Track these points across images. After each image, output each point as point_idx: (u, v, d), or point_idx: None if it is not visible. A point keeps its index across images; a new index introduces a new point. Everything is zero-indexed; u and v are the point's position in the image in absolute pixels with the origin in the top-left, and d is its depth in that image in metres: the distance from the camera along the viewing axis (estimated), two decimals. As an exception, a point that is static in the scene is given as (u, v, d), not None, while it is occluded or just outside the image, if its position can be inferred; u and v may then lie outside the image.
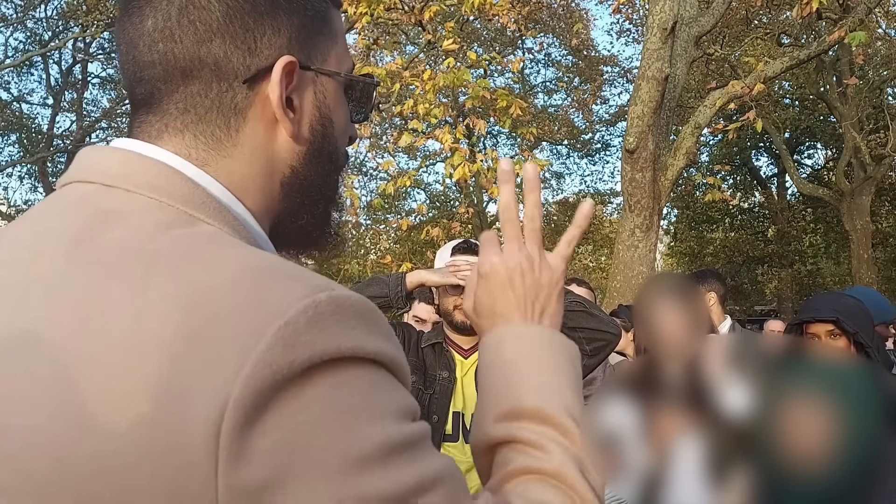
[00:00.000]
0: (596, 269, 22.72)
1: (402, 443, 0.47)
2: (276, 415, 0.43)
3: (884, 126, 13.02)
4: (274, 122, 0.59)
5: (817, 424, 0.92)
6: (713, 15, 7.36)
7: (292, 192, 0.61)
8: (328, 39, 0.62)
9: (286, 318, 0.44)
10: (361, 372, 0.47)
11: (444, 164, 6.39)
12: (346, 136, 0.66)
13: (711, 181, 7.68)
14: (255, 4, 0.57)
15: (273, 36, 0.58)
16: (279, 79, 0.57)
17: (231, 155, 0.58)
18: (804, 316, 1.89)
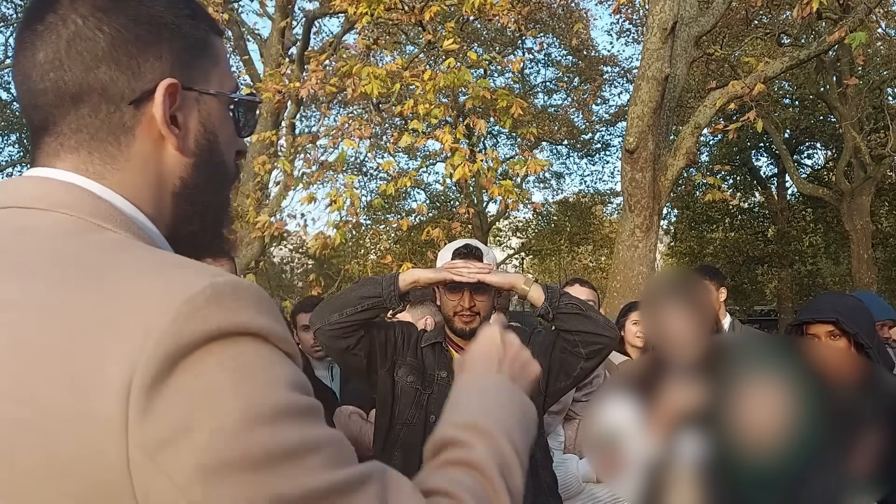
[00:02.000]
0: (596, 269, 22.71)
1: (290, 409, 0.54)
2: (179, 378, 0.50)
3: (884, 126, 13.02)
4: (161, 138, 0.66)
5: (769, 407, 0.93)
6: (713, 15, 7.35)
7: (183, 201, 0.69)
8: (209, 63, 0.70)
9: (187, 296, 0.52)
10: (256, 345, 0.54)
11: (445, 164, 6.38)
12: (233, 150, 0.74)
13: (711, 181, 7.67)
14: (138, 34, 0.65)
15: (156, 61, 0.66)
16: (162, 99, 0.65)
17: (124, 168, 0.65)
18: (804, 316, 1.89)
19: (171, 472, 0.50)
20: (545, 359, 2.08)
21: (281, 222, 6.87)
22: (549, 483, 2.10)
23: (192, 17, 0.69)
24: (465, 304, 2.09)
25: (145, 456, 0.49)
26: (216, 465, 0.50)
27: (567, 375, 2.06)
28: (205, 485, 0.50)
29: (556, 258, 24.30)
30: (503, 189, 6.15)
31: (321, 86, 6.37)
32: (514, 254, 23.54)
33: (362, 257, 16.92)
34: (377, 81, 5.61)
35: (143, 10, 0.66)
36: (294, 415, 0.54)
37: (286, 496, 0.52)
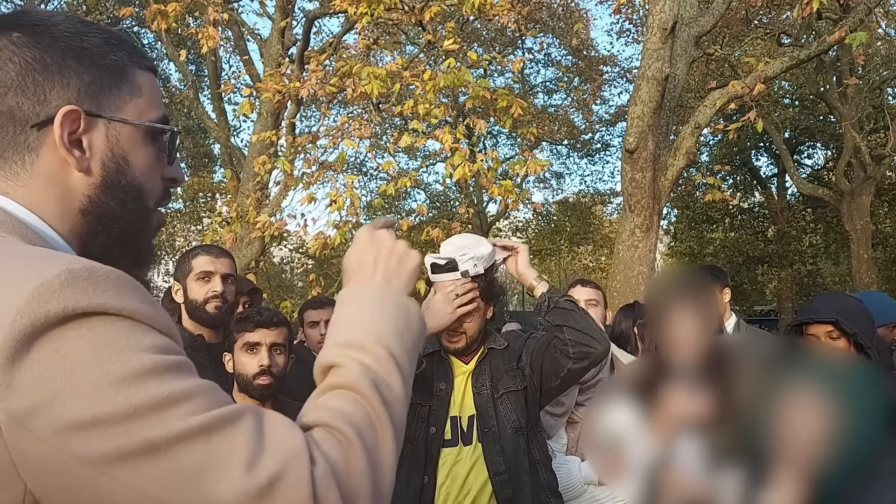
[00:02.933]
0: (596, 269, 22.71)
1: (153, 368, 0.59)
2: (38, 353, 0.56)
3: (884, 126, 13.02)
4: (66, 159, 0.73)
5: (815, 422, 0.92)
6: (713, 15, 7.35)
7: (89, 216, 0.75)
8: (125, 94, 0.77)
9: (42, 280, 0.58)
10: (112, 322, 0.60)
11: (445, 164, 6.38)
12: (155, 175, 0.80)
13: (711, 181, 7.66)
14: (45, 65, 0.72)
15: (62, 90, 0.73)
16: (59, 123, 0.72)
17: (28, 185, 0.73)
18: (804, 317, 1.89)
19: (43, 435, 0.55)
20: (538, 357, 2.10)
21: (281, 222, 6.87)
22: (549, 481, 2.10)
23: (107, 53, 0.76)
24: (452, 326, 2.12)
25: (16, 423, 0.55)
26: (85, 422, 0.56)
27: (556, 376, 2.07)
28: (78, 441, 0.56)
29: (556, 258, 24.30)
30: (503, 189, 6.15)
31: (321, 86, 6.37)
32: (514, 254, 23.51)
33: (362, 257, 16.87)
34: (377, 81, 5.61)
35: (56, 43, 0.73)
36: (159, 372, 0.59)
37: (158, 440, 0.57)
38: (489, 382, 2.12)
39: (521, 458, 2.05)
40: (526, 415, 2.11)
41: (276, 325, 2.16)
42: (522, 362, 2.14)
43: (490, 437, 2.05)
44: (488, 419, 2.07)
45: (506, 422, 2.07)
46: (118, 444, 0.56)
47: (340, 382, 0.72)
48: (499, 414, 2.07)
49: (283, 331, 2.19)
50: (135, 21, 11.05)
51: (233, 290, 2.44)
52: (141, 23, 10.44)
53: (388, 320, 0.79)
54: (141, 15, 7.83)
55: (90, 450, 0.56)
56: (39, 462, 0.56)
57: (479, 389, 2.11)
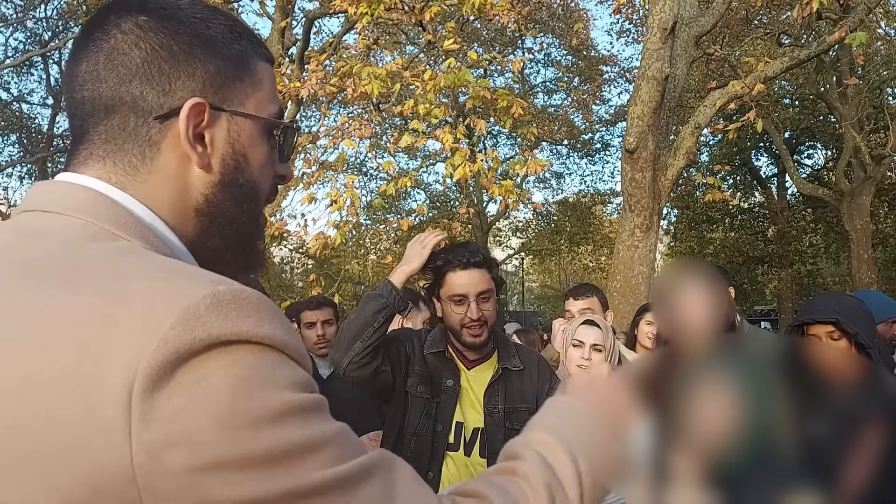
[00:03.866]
0: (596, 269, 22.70)
1: (293, 408, 0.55)
2: (179, 383, 0.51)
3: (884, 126, 13.02)
4: (187, 155, 0.68)
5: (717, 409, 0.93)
6: (713, 15, 7.35)
7: (204, 217, 0.70)
8: (247, 86, 0.71)
9: (188, 303, 0.53)
10: (254, 352, 0.55)
11: (445, 164, 6.38)
12: (268, 173, 0.75)
13: (711, 181, 7.67)
14: (172, 52, 0.67)
15: (187, 80, 0.67)
16: (186, 116, 0.66)
17: (146, 181, 0.67)
18: (804, 317, 1.88)
19: (176, 472, 0.51)
20: (541, 396, 2.09)
21: (281, 222, 6.88)
22: None
23: (232, 41, 0.71)
24: (474, 314, 2.06)
25: (149, 457, 0.50)
26: (222, 463, 0.51)
27: None
28: (212, 482, 0.51)
29: (556, 258, 24.30)
30: (503, 189, 6.15)
31: (321, 86, 6.37)
32: (514, 254, 23.55)
33: (362, 257, 16.92)
34: (377, 81, 5.61)
35: (182, 29, 0.68)
36: (297, 413, 0.55)
37: (293, 491, 0.53)
38: (502, 406, 2.09)
39: None
40: None
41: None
42: (538, 401, 2.11)
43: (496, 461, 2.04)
44: (496, 443, 2.04)
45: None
46: (254, 491, 0.52)
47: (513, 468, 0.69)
48: (507, 439, 2.06)
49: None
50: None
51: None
52: (141, 23, 10.43)
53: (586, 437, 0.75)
54: (141, 15, 7.83)
55: (224, 493, 0.52)
56: (168, 499, 0.51)
57: (491, 410, 2.08)
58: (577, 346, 2.50)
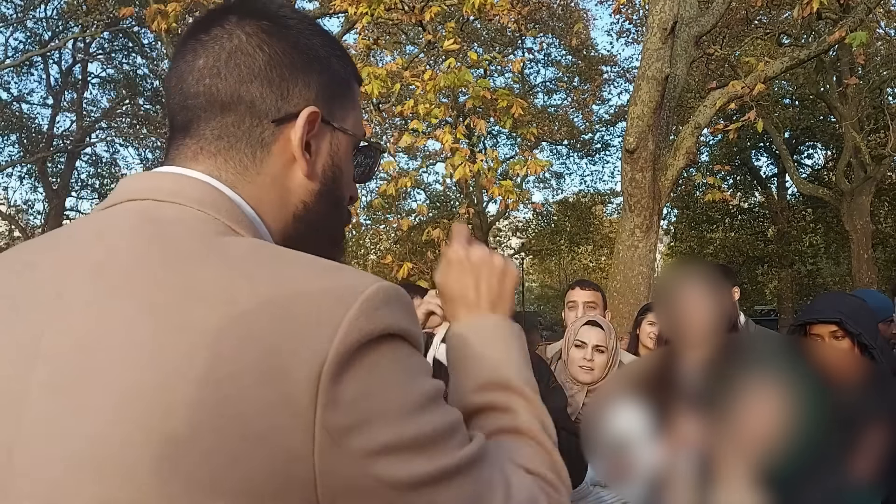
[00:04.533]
0: (596, 269, 22.71)
1: (433, 395, 0.60)
2: (358, 370, 0.54)
3: (884, 126, 13.02)
4: (293, 160, 0.69)
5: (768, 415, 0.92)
6: (713, 15, 7.35)
7: (301, 225, 0.72)
8: (348, 104, 0.75)
9: (366, 295, 0.56)
10: (404, 345, 0.59)
11: (445, 164, 6.38)
12: (349, 190, 0.77)
13: (711, 181, 7.67)
14: (293, 59, 0.69)
15: (304, 88, 0.70)
16: (303, 123, 0.68)
17: (254, 181, 0.68)
18: (807, 317, 1.88)
19: (355, 455, 0.54)
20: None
21: (281, 222, 6.85)
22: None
23: (339, 60, 0.74)
24: None
25: (331, 440, 0.53)
26: (395, 445, 0.55)
27: None
28: (386, 464, 0.55)
29: (556, 258, 24.31)
30: (503, 189, 6.15)
31: (321, 86, 6.36)
32: (514, 254, 23.54)
33: (362, 257, 16.93)
34: (377, 81, 5.60)
35: (302, 40, 0.71)
36: (437, 397, 0.60)
37: (451, 468, 0.58)
38: None
39: None
40: None
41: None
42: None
43: None
44: None
45: None
46: (421, 470, 0.56)
47: (514, 426, 0.71)
48: None
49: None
50: (135, 21, 11.04)
51: None
52: (141, 23, 10.44)
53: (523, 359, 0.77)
54: (141, 15, 7.82)
55: (396, 474, 0.55)
56: (343, 482, 0.54)
57: None
58: (580, 346, 2.50)
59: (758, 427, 0.93)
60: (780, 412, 0.91)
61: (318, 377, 0.53)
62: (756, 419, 0.93)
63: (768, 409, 0.92)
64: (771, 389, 0.94)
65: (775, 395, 0.93)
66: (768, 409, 0.92)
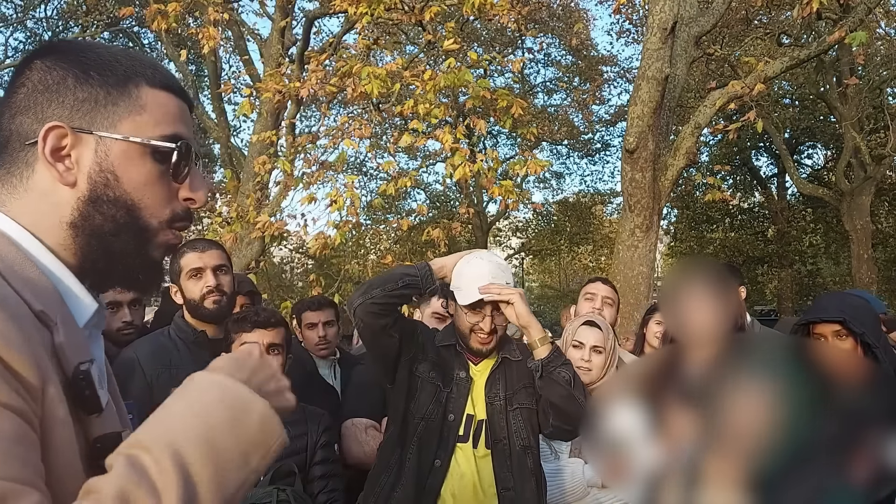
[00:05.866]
0: (596, 269, 22.68)
1: None
2: None
3: (884, 126, 13.02)
4: (57, 174, 0.77)
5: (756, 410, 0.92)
6: (713, 15, 7.34)
7: (79, 231, 0.78)
8: (123, 110, 0.79)
9: None
10: None
11: (445, 164, 6.37)
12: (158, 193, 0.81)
13: (711, 181, 7.65)
14: (47, 85, 0.78)
15: (57, 108, 0.77)
16: (42, 138, 0.76)
17: (23, 198, 0.77)
18: (810, 316, 1.87)
19: None
20: (539, 397, 2.11)
21: (281, 222, 6.86)
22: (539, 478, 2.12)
23: (114, 70, 0.80)
24: (487, 327, 2.09)
25: None
26: None
27: (542, 427, 2.12)
28: None
29: (556, 258, 24.29)
30: (503, 189, 6.14)
31: (321, 86, 6.36)
32: (514, 254, 23.53)
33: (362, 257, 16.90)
34: (377, 81, 5.59)
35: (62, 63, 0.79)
36: None
37: None
38: (503, 393, 2.12)
39: (528, 476, 2.05)
40: (535, 433, 2.11)
41: (273, 326, 2.15)
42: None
43: (500, 449, 2.05)
44: (499, 431, 2.06)
45: (516, 437, 2.07)
46: None
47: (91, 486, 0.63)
48: (510, 427, 2.08)
49: (280, 331, 2.18)
50: (135, 21, 11.03)
51: (229, 280, 2.36)
52: (141, 23, 10.43)
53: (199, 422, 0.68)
54: (141, 15, 7.82)
55: None
56: None
57: (492, 399, 2.11)
58: (577, 346, 2.49)
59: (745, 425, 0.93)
60: (767, 411, 0.91)
61: None
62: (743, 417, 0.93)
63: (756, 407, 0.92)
64: (761, 388, 0.93)
65: (764, 393, 0.93)
66: (756, 408, 0.92)
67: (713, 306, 1.23)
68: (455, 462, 2.03)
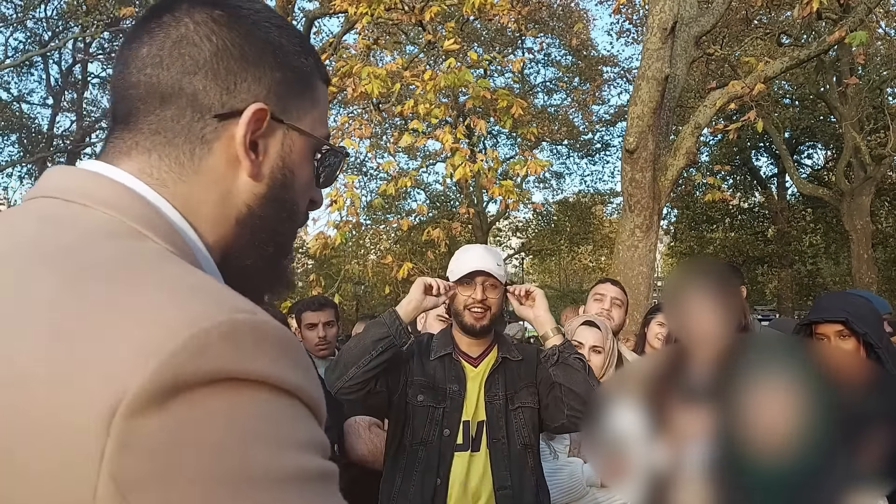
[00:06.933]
0: (596, 269, 22.70)
1: (293, 474, 0.47)
2: (170, 416, 0.44)
3: (884, 126, 13.02)
4: (237, 160, 0.64)
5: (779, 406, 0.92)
6: (713, 15, 7.34)
7: (244, 230, 0.66)
8: (307, 103, 0.69)
9: (200, 327, 0.46)
10: (267, 397, 0.47)
11: (445, 164, 6.37)
12: (307, 195, 0.72)
13: (711, 181, 7.66)
14: (243, 52, 0.64)
15: (253, 83, 0.64)
16: (247, 120, 0.63)
17: (189, 181, 0.63)
18: (813, 316, 1.87)
19: None
20: (546, 391, 2.10)
21: (281, 222, 6.85)
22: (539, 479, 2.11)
23: (300, 55, 0.69)
24: (478, 296, 2.09)
25: (116, 491, 0.43)
26: None
27: (551, 422, 2.10)
28: None
29: (556, 258, 24.30)
30: (503, 189, 6.14)
31: (321, 86, 6.35)
32: (514, 254, 23.53)
33: (362, 257, 16.92)
34: (377, 81, 5.60)
35: (256, 32, 0.65)
36: (296, 481, 0.48)
37: None
38: (503, 393, 2.11)
39: (528, 476, 2.05)
40: (536, 433, 2.11)
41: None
42: (538, 382, 2.13)
43: (499, 448, 2.04)
44: (498, 430, 2.06)
45: (516, 436, 2.07)
46: None
47: None
48: (510, 427, 2.07)
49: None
50: (135, 21, 11.03)
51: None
52: (140, 23, 10.42)
53: None
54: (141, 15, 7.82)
55: None
56: None
57: (492, 398, 2.10)
58: (577, 346, 2.49)
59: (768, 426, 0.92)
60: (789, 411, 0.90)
61: (113, 409, 0.43)
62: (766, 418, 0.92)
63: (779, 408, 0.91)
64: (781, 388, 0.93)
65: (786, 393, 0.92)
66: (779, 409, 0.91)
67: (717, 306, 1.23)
68: (454, 473, 2.03)
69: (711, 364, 0.95)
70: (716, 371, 0.89)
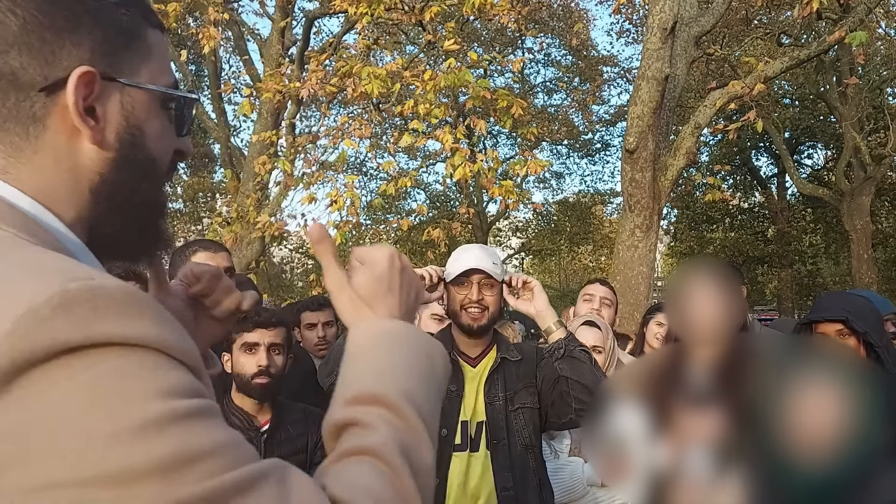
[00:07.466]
0: (596, 269, 22.69)
1: (164, 417, 0.48)
2: (16, 397, 0.45)
3: (884, 126, 13.02)
4: (76, 130, 0.61)
5: (827, 415, 0.91)
6: (713, 15, 7.34)
7: (100, 198, 0.64)
8: (138, 56, 0.66)
9: (30, 306, 0.46)
10: (116, 356, 0.48)
11: (445, 164, 6.37)
12: (168, 147, 0.70)
13: (711, 181, 7.66)
14: (53, 19, 0.60)
15: (73, 48, 0.61)
16: (74, 87, 0.60)
17: (31, 162, 0.60)
18: (813, 316, 1.87)
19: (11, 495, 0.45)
20: (549, 389, 2.09)
21: (281, 222, 6.86)
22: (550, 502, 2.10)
23: (120, 6, 0.65)
24: (474, 296, 2.09)
25: None
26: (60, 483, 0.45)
27: (559, 418, 2.09)
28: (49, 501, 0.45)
29: (556, 258, 24.29)
30: (503, 189, 6.14)
31: (321, 86, 6.36)
32: (515, 254, 23.53)
33: (362, 257, 16.85)
34: (377, 81, 5.60)
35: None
36: (169, 422, 0.48)
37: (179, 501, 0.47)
38: (503, 394, 2.10)
39: (530, 476, 2.04)
40: (537, 433, 2.11)
41: (274, 326, 2.15)
42: (539, 381, 2.13)
43: (500, 449, 2.04)
44: (499, 431, 2.05)
45: (517, 436, 2.06)
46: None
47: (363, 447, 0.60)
48: (510, 427, 2.06)
49: (281, 331, 2.17)
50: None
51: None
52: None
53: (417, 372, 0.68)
54: (140, 15, 7.81)
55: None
56: None
57: (492, 399, 2.09)
58: None
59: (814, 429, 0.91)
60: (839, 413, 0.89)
61: None
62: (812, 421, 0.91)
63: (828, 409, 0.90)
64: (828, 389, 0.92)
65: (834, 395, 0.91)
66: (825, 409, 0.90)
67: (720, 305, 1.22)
68: (452, 473, 2.03)
69: (715, 364, 0.94)
70: (721, 372, 0.89)
